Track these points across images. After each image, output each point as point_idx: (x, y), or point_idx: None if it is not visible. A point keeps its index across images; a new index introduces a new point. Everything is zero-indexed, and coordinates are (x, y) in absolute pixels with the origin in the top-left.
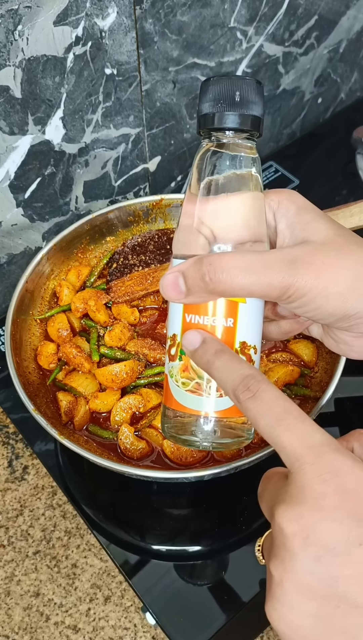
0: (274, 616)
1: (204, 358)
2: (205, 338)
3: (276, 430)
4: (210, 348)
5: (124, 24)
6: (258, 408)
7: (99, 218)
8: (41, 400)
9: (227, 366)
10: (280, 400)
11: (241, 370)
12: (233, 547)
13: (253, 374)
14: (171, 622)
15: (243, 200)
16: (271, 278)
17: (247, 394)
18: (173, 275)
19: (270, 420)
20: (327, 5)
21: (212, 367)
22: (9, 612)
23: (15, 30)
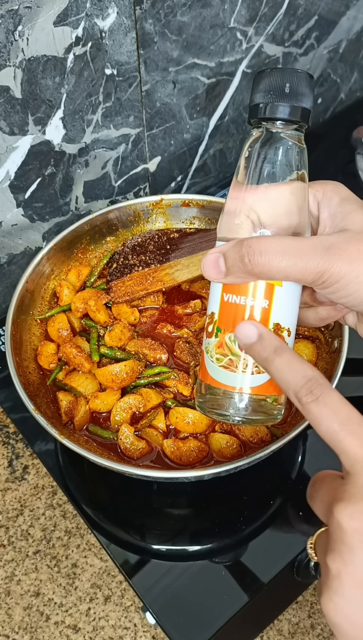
0: (330, 607)
1: (263, 354)
2: (262, 333)
3: (339, 434)
4: (269, 344)
5: (124, 24)
6: (321, 412)
7: (99, 218)
8: (41, 400)
9: (288, 366)
10: (343, 405)
11: (304, 372)
12: (233, 546)
13: (316, 376)
14: (171, 622)
15: (288, 189)
16: (307, 263)
17: (310, 397)
18: (214, 256)
19: (333, 425)
20: (326, 6)
21: (272, 364)
22: (9, 612)
23: (15, 31)
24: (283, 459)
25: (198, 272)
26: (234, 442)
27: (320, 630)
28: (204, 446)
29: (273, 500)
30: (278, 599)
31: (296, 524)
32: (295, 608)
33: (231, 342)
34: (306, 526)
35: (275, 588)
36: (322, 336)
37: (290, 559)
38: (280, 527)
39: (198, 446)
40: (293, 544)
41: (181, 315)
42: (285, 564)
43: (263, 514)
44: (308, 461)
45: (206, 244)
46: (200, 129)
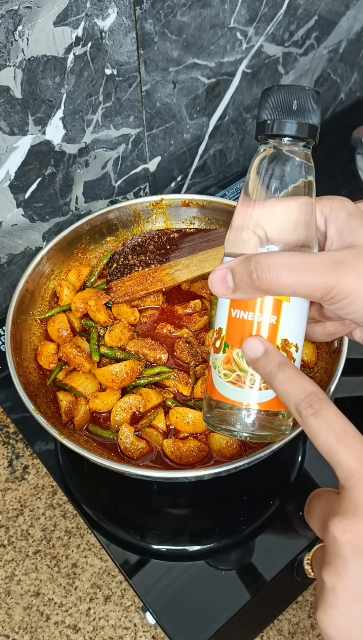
0: (325, 620)
1: (267, 369)
2: (267, 348)
3: (335, 447)
4: (273, 359)
5: (124, 25)
6: (319, 425)
7: (99, 218)
8: (41, 400)
9: (290, 380)
10: (340, 419)
11: (304, 386)
12: (233, 546)
13: (315, 391)
14: (171, 622)
15: (295, 205)
16: (315, 278)
17: (310, 411)
18: (222, 272)
19: (329, 438)
20: (326, 6)
21: (274, 378)
22: (9, 612)
23: (15, 31)
24: (283, 459)
25: (198, 272)
26: (234, 442)
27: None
28: (204, 446)
29: (273, 500)
30: (278, 598)
31: (296, 524)
32: (295, 608)
33: (239, 358)
34: (306, 526)
35: (275, 588)
36: None
37: (290, 559)
38: (280, 527)
39: (198, 446)
40: (293, 544)
41: (181, 315)
42: (285, 563)
43: (263, 514)
44: (308, 461)
45: (206, 244)
46: (200, 129)
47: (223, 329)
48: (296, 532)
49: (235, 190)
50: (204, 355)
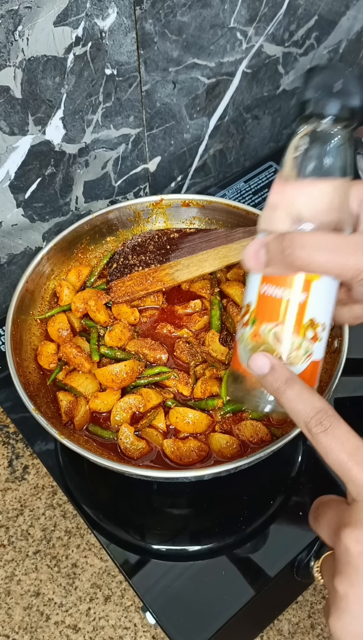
0: (338, 626)
1: (275, 385)
2: (274, 364)
3: (347, 464)
4: (280, 376)
5: (124, 25)
6: (330, 442)
7: (99, 218)
8: (41, 400)
9: (299, 397)
10: (351, 436)
11: (314, 403)
12: (233, 546)
13: (325, 408)
14: (171, 622)
15: (331, 186)
16: (346, 259)
17: (320, 428)
18: (255, 247)
19: (341, 455)
20: (326, 6)
21: (283, 395)
22: (9, 612)
23: (15, 31)
24: (283, 459)
25: (198, 272)
26: (234, 442)
27: (320, 630)
28: (204, 446)
29: (273, 500)
30: (278, 598)
31: (296, 524)
32: (295, 608)
33: (267, 333)
34: (306, 526)
35: (275, 588)
36: None
37: (290, 559)
38: (280, 527)
39: (198, 446)
40: (293, 544)
41: (181, 315)
42: (285, 563)
43: (263, 514)
44: (308, 461)
45: (206, 244)
46: (200, 129)
47: (252, 304)
48: (297, 532)
49: (235, 190)
50: (204, 355)
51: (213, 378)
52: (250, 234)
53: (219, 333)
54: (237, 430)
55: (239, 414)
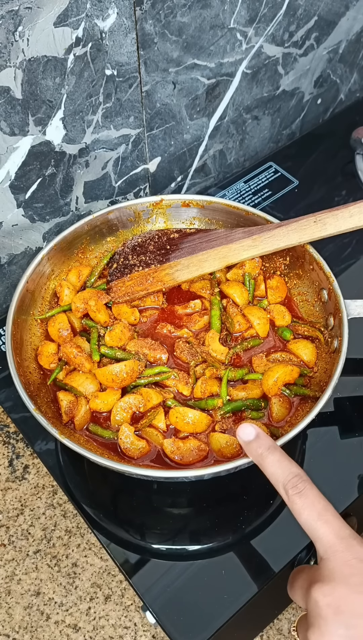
0: None
1: (259, 451)
2: (258, 433)
3: (316, 523)
4: (263, 443)
5: (124, 25)
6: (303, 503)
7: (99, 218)
8: (42, 400)
9: (279, 463)
10: (321, 499)
11: (291, 469)
12: (232, 546)
13: (300, 474)
14: (171, 621)
15: None
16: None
17: (295, 490)
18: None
19: (312, 514)
20: (326, 6)
21: (265, 460)
22: (9, 611)
23: (15, 31)
24: None
25: (198, 272)
26: (234, 442)
27: None
28: (204, 446)
29: (273, 500)
30: (278, 598)
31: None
32: (294, 607)
33: None
34: None
35: (275, 587)
36: (321, 336)
37: (289, 559)
38: (280, 526)
39: (198, 446)
40: (293, 544)
41: (181, 315)
42: (285, 563)
43: (263, 514)
44: (308, 461)
45: (206, 244)
46: (200, 130)
47: None
48: (296, 532)
49: (235, 190)
50: (204, 355)
51: (213, 378)
52: (249, 234)
53: (219, 333)
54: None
55: (239, 414)
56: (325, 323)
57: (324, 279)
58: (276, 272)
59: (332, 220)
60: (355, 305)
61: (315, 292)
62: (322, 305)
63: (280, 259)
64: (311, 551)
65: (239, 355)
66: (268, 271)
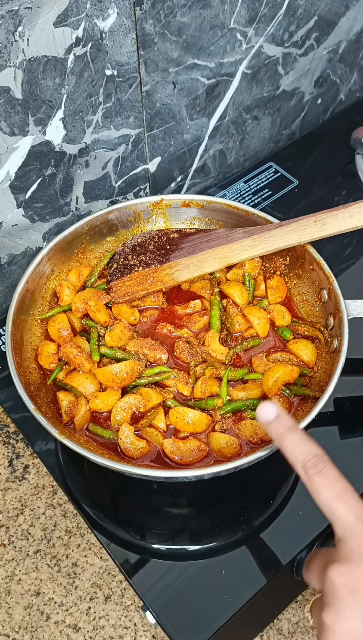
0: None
1: (279, 430)
2: (279, 413)
3: (335, 503)
4: (284, 423)
5: (124, 25)
6: (322, 482)
7: (99, 218)
8: (42, 400)
9: (299, 442)
10: (341, 479)
11: (311, 448)
12: (233, 546)
13: (320, 454)
14: (171, 621)
15: None
16: None
17: (315, 469)
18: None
19: (330, 494)
20: (326, 6)
21: (285, 439)
22: (9, 611)
23: (15, 31)
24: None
25: (198, 272)
26: (234, 442)
27: None
28: (204, 446)
29: (273, 500)
30: (278, 598)
31: (296, 523)
32: (294, 607)
33: None
34: (306, 526)
35: (275, 587)
36: (321, 336)
37: (290, 559)
38: (280, 526)
39: (198, 446)
40: (293, 544)
41: (181, 315)
42: (285, 563)
43: (263, 514)
44: None
45: (206, 244)
46: (200, 130)
47: None
48: (297, 532)
49: (235, 190)
50: (204, 355)
51: (213, 378)
52: (249, 234)
53: (219, 333)
54: (237, 430)
55: (239, 414)
56: (325, 323)
57: (324, 279)
58: (276, 272)
59: (332, 220)
60: (355, 305)
61: (315, 292)
62: (322, 305)
63: (280, 259)
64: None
65: (239, 355)
66: (268, 271)
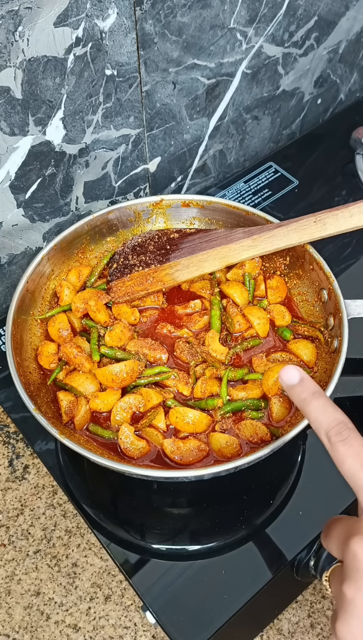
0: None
1: (302, 396)
2: (303, 377)
3: (360, 472)
4: (308, 387)
5: (124, 25)
6: (347, 451)
7: (99, 218)
8: (42, 400)
9: (323, 408)
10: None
11: (335, 415)
12: (232, 546)
13: (345, 421)
14: (171, 621)
15: None
16: None
17: (339, 437)
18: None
19: (355, 464)
20: (326, 6)
21: (309, 405)
22: (9, 611)
23: (15, 31)
24: (283, 459)
25: (198, 272)
26: (234, 442)
27: (319, 629)
28: (204, 446)
29: (273, 500)
30: (278, 598)
31: (296, 523)
32: (294, 607)
33: None
34: (306, 526)
35: (275, 587)
36: (321, 336)
37: (290, 558)
38: (280, 526)
39: (198, 446)
40: (293, 544)
41: (181, 315)
42: (285, 563)
43: (263, 514)
44: (308, 461)
45: (206, 244)
46: (200, 130)
47: None
48: (297, 532)
49: (235, 190)
50: (204, 355)
51: (213, 378)
52: (249, 234)
53: (219, 333)
54: (237, 430)
55: (239, 414)
56: (325, 323)
57: (324, 279)
58: (276, 272)
59: (332, 220)
60: (355, 305)
61: (315, 292)
62: (322, 305)
63: (280, 259)
64: (312, 551)
65: (239, 355)
66: (268, 271)
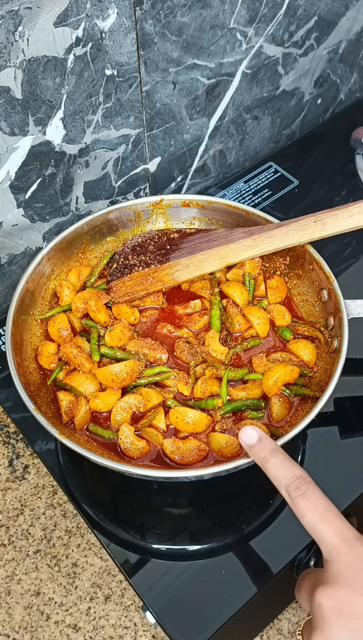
0: None
1: (262, 454)
2: (261, 436)
3: (319, 524)
4: (266, 446)
5: (124, 25)
6: (306, 504)
7: (99, 218)
8: (42, 400)
9: (282, 465)
10: (324, 500)
11: (293, 471)
12: (232, 546)
13: (303, 476)
14: (171, 621)
15: None
16: None
17: (298, 492)
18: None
19: (314, 516)
20: (326, 6)
21: (268, 463)
22: (9, 611)
23: (15, 31)
24: None
25: (198, 272)
26: (234, 442)
27: None
28: (204, 446)
29: (273, 500)
30: (278, 598)
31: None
32: (294, 607)
33: None
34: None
35: (275, 587)
36: (321, 336)
37: (290, 558)
38: (280, 526)
39: (198, 446)
40: (293, 544)
41: (181, 315)
42: (285, 563)
43: (263, 514)
44: (308, 461)
45: (206, 244)
46: (200, 130)
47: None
48: (296, 532)
49: (235, 190)
50: (204, 355)
51: (213, 378)
52: (249, 234)
53: (219, 333)
54: (237, 430)
55: (239, 414)
56: (325, 323)
57: (324, 279)
58: (276, 272)
59: (332, 220)
60: (355, 305)
61: (315, 292)
62: (322, 305)
63: (280, 259)
64: (312, 551)
65: (239, 355)
66: (268, 271)
